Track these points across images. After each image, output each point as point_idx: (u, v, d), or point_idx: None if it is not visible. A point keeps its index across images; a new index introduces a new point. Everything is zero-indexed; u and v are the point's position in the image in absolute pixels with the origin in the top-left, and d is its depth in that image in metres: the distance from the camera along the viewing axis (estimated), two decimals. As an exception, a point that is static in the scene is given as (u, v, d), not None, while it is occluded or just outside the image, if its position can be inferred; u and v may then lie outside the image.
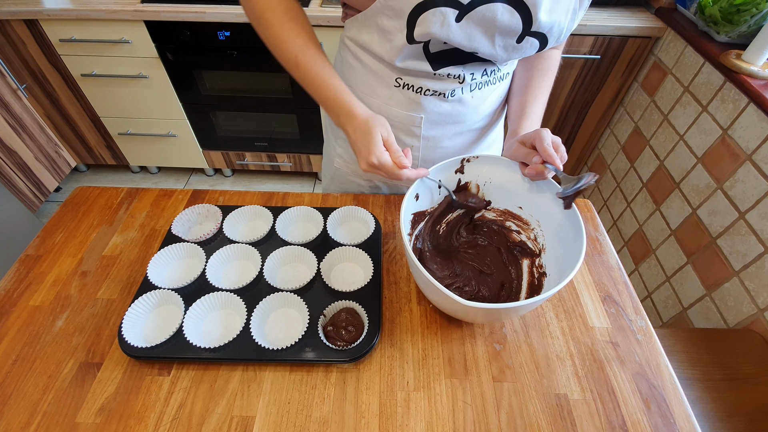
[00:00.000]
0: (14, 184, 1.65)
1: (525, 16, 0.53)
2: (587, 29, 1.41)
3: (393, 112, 0.68)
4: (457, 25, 0.53)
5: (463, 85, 0.64)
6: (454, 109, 0.67)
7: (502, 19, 0.53)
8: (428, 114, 0.67)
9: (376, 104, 0.68)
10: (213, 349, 0.53)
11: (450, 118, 0.68)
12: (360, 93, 0.68)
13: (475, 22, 0.53)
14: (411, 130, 0.69)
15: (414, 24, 0.53)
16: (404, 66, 0.61)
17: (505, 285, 0.64)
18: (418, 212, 0.63)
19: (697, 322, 1.22)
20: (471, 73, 0.63)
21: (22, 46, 1.52)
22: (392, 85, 0.65)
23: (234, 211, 0.69)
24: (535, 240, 0.64)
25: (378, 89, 0.66)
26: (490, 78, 0.66)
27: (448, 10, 0.51)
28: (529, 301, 0.45)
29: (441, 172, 0.62)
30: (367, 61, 0.65)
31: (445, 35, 0.53)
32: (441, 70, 0.61)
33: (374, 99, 0.68)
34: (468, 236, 0.70)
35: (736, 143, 1.12)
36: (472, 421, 0.51)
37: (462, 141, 0.73)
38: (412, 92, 0.64)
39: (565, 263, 0.55)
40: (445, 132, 0.70)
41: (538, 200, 0.62)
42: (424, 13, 0.51)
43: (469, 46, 0.56)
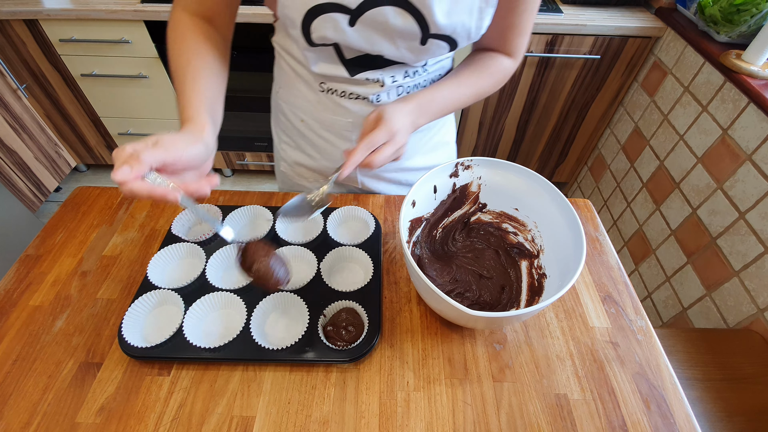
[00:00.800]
0: (14, 184, 1.65)
1: (419, 19, 0.51)
2: (587, 29, 1.42)
3: (323, 117, 0.68)
4: (351, 29, 0.52)
5: (386, 90, 0.62)
6: None
7: (396, 23, 0.51)
8: (356, 118, 0.66)
9: (308, 108, 0.68)
10: (213, 349, 0.53)
11: None
12: (293, 97, 0.69)
13: (370, 26, 0.52)
14: (343, 134, 0.69)
15: (309, 30, 0.53)
16: (320, 71, 0.61)
17: (506, 288, 0.64)
18: (415, 218, 0.63)
19: (697, 322, 1.22)
20: (391, 77, 0.61)
21: (22, 46, 1.52)
22: (317, 89, 0.64)
23: (234, 211, 0.69)
24: (532, 241, 0.64)
25: (307, 94, 0.66)
26: (415, 80, 0.64)
27: (338, 15, 0.50)
28: (533, 309, 0.45)
29: (435, 177, 0.62)
30: (294, 65, 0.65)
31: (342, 39, 0.53)
32: (358, 75, 0.60)
33: (305, 103, 0.68)
34: (465, 240, 0.70)
35: (736, 143, 1.12)
36: (472, 421, 0.51)
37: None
38: (337, 96, 0.64)
39: (566, 264, 0.55)
40: None
41: (533, 201, 0.62)
42: (315, 20, 0.51)
43: (371, 49, 0.55)
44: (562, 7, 1.48)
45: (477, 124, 1.76)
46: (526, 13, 0.58)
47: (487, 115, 1.72)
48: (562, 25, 1.41)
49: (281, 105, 0.73)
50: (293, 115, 0.72)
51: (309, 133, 0.72)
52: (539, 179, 0.60)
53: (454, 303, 0.45)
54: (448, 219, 0.69)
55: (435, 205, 0.65)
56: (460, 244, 0.70)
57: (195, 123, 0.46)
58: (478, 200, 0.67)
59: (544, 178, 0.60)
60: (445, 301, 0.45)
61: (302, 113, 0.70)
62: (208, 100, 0.50)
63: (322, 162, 0.76)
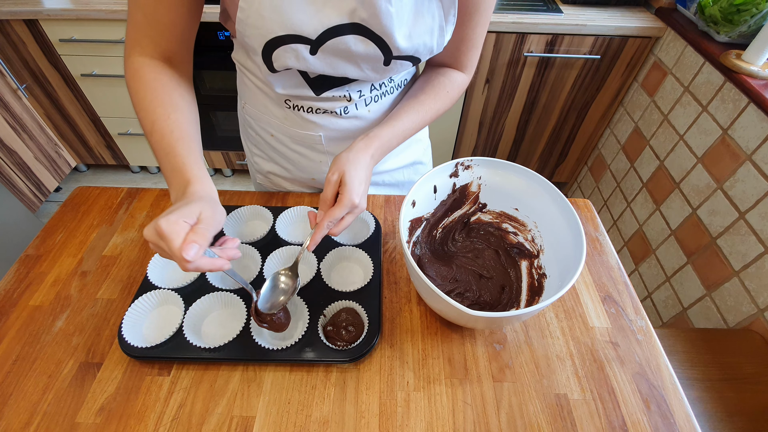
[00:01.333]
0: (14, 184, 1.65)
1: (380, 45, 0.51)
2: (587, 29, 1.42)
3: (292, 132, 0.67)
4: (313, 57, 0.52)
5: (354, 102, 0.62)
6: (352, 125, 0.65)
7: (357, 50, 0.51)
8: (327, 131, 0.65)
9: (276, 124, 0.67)
10: (213, 349, 0.53)
11: (351, 134, 0.66)
12: (259, 113, 0.68)
13: (332, 54, 0.52)
14: (315, 147, 0.69)
15: (270, 59, 0.52)
16: (285, 93, 0.60)
17: (506, 288, 0.64)
18: (415, 218, 0.63)
19: (697, 322, 1.22)
20: (358, 90, 0.61)
21: (22, 46, 1.52)
22: (284, 106, 0.64)
23: (234, 211, 0.69)
24: (532, 241, 0.64)
25: (273, 110, 0.66)
26: (382, 90, 0.64)
27: (299, 46, 0.50)
28: (532, 309, 0.45)
29: (435, 177, 0.62)
30: (257, 83, 0.64)
31: (304, 67, 0.53)
32: (324, 93, 0.60)
33: (272, 119, 0.67)
34: (465, 240, 0.70)
35: (736, 143, 1.12)
36: (472, 421, 0.51)
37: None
38: (304, 112, 0.63)
39: (566, 264, 0.55)
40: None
41: (533, 201, 0.62)
42: (276, 50, 0.51)
43: (335, 73, 0.55)
44: (562, 7, 1.48)
45: (477, 124, 1.76)
46: (479, 27, 0.58)
47: (487, 115, 1.72)
48: (562, 25, 1.41)
49: (248, 120, 0.72)
50: (262, 129, 0.71)
51: (280, 147, 0.71)
52: (539, 179, 0.60)
53: (454, 303, 0.45)
54: (448, 219, 0.69)
55: (435, 205, 0.65)
56: (460, 244, 0.70)
57: (203, 184, 0.46)
58: (478, 200, 0.67)
59: (544, 178, 0.60)
60: (445, 301, 0.45)
61: (271, 128, 0.69)
62: (200, 153, 0.50)
63: (297, 173, 0.76)
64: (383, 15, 0.48)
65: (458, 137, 1.82)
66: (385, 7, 0.47)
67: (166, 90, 0.52)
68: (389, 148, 0.58)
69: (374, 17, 0.48)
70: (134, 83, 0.52)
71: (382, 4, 0.47)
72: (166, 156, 0.48)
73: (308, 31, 0.49)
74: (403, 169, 0.81)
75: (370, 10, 0.47)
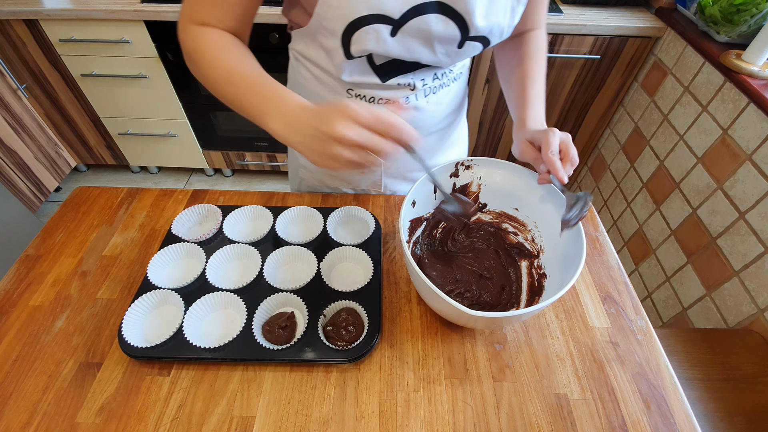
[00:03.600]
0: (14, 184, 1.65)
1: (460, 24, 0.52)
2: (587, 29, 1.42)
3: None
4: (393, 39, 0.52)
5: (416, 92, 0.63)
6: (411, 117, 0.66)
7: (438, 29, 0.52)
8: None
9: None
10: (213, 349, 0.53)
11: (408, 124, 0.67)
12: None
13: (411, 35, 0.52)
14: None
15: (349, 42, 0.53)
16: (352, 80, 0.61)
17: (506, 288, 0.64)
18: (415, 218, 0.63)
19: (697, 322, 1.22)
20: (421, 79, 0.62)
21: (22, 46, 1.52)
22: (345, 96, 0.64)
23: (234, 211, 0.69)
24: (532, 241, 0.64)
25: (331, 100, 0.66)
26: (442, 81, 0.65)
27: (381, 26, 0.50)
28: (532, 309, 0.45)
29: (436, 177, 0.61)
30: (318, 74, 0.64)
31: (382, 50, 0.53)
32: (390, 80, 0.60)
33: None
34: (465, 240, 0.70)
35: (736, 143, 1.12)
36: (472, 421, 0.51)
37: (424, 145, 0.73)
38: (366, 102, 0.63)
39: (566, 264, 0.55)
40: None
41: (534, 201, 0.62)
42: (357, 31, 0.51)
43: (410, 57, 0.55)
44: (562, 7, 1.48)
45: (477, 124, 1.76)
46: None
47: (487, 115, 1.72)
48: (562, 25, 1.41)
49: None
50: None
51: None
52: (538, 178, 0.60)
53: (454, 303, 0.45)
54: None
55: (435, 205, 0.65)
56: (461, 244, 0.70)
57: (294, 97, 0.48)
58: (478, 200, 0.67)
59: None
60: (445, 301, 0.45)
61: None
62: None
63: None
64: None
65: (458, 137, 1.82)
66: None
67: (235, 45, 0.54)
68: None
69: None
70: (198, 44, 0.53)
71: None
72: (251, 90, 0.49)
73: (392, 11, 0.49)
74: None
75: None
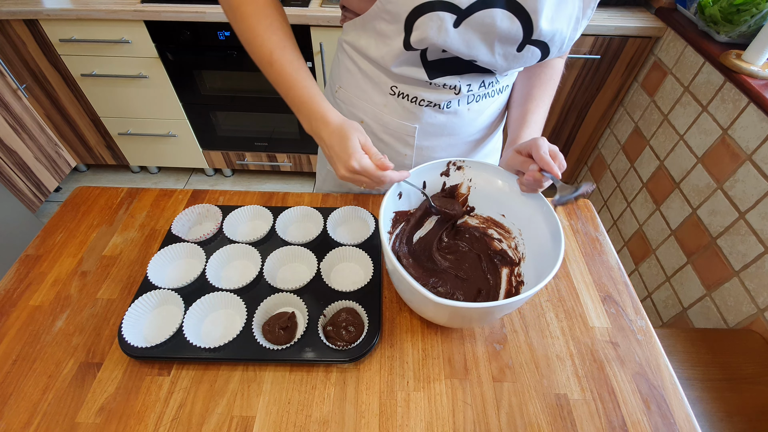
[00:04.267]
0: (14, 184, 1.65)
1: (525, 23, 0.52)
2: (587, 29, 1.41)
3: (387, 120, 0.67)
4: (455, 30, 0.51)
5: (459, 97, 0.63)
6: (449, 121, 0.66)
7: (502, 26, 0.51)
8: (422, 124, 0.66)
9: (371, 110, 0.67)
10: (213, 349, 0.53)
11: (445, 130, 0.67)
12: (355, 98, 0.68)
13: (474, 28, 0.52)
14: (405, 139, 0.69)
15: (411, 28, 0.52)
16: (400, 72, 0.60)
17: (482, 291, 0.63)
18: (400, 211, 0.62)
19: (697, 322, 1.22)
20: (468, 84, 0.62)
21: (22, 46, 1.52)
22: (388, 92, 0.64)
23: (234, 211, 0.69)
24: (515, 249, 0.63)
25: (373, 96, 0.66)
26: (488, 90, 0.65)
27: (446, 14, 0.50)
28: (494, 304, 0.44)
29: (426, 173, 0.61)
30: (364, 66, 0.64)
31: (442, 41, 0.52)
32: (437, 79, 0.60)
33: (369, 105, 0.67)
34: (449, 241, 0.69)
35: (736, 143, 1.12)
36: (472, 421, 0.51)
37: (456, 152, 0.73)
38: (407, 101, 0.63)
39: (542, 271, 0.53)
40: (439, 143, 0.70)
41: (521, 209, 0.61)
42: (421, 17, 0.51)
43: (468, 53, 0.55)
44: (562, 7, 1.48)
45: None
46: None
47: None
48: (562, 25, 1.41)
49: (339, 104, 0.72)
50: (352, 115, 0.70)
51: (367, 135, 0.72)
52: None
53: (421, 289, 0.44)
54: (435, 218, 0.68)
55: (422, 201, 0.65)
56: (444, 244, 0.69)
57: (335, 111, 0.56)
58: (467, 203, 0.67)
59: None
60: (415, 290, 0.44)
61: (363, 114, 0.69)
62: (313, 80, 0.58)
63: None
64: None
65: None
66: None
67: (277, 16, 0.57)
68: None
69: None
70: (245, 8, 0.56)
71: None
72: (290, 89, 0.56)
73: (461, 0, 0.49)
74: None
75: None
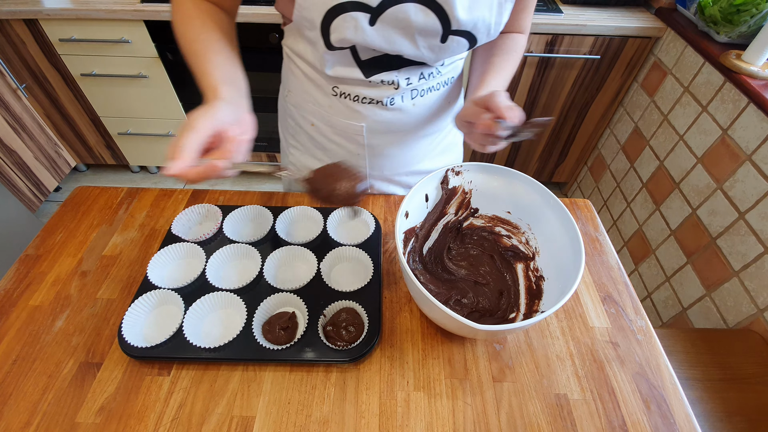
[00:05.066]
0: (14, 184, 1.65)
1: (441, 15, 0.51)
2: (587, 29, 1.42)
3: (334, 121, 0.67)
4: (371, 28, 0.51)
5: (401, 92, 0.63)
6: (395, 118, 0.66)
7: (417, 19, 0.51)
8: (369, 123, 0.66)
9: (319, 113, 0.68)
10: (213, 349, 0.53)
11: (393, 127, 0.67)
12: (303, 101, 0.68)
13: (390, 24, 0.52)
14: (355, 139, 0.69)
15: (328, 31, 0.52)
16: (335, 74, 0.60)
17: (504, 293, 0.64)
18: (408, 229, 0.62)
19: (697, 322, 1.22)
20: (406, 78, 0.61)
21: (22, 46, 1.52)
22: (330, 94, 0.64)
23: (234, 211, 0.69)
24: (527, 243, 0.64)
25: (318, 98, 0.66)
26: (430, 83, 0.64)
27: (359, 14, 0.50)
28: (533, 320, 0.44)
29: (426, 185, 0.61)
30: (306, 69, 0.64)
31: (361, 39, 0.53)
32: (374, 76, 0.60)
33: (316, 107, 0.67)
34: (459, 248, 0.69)
35: (735, 143, 1.13)
36: (472, 421, 0.51)
37: (410, 148, 0.73)
38: (350, 101, 0.63)
39: (563, 265, 0.54)
40: (391, 140, 0.70)
41: (525, 203, 0.61)
42: (335, 19, 0.51)
43: (391, 48, 0.55)
44: (562, 7, 1.48)
45: (477, 124, 1.76)
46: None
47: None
48: (562, 25, 1.41)
49: (290, 108, 0.73)
50: (303, 119, 0.71)
51: (319, 137, 0.72)
52: (530, 181, 0.60)
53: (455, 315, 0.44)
54: (441, 227, 0.68)
55: (427, 214, 0.65)
56: (455, 252, 0.69)
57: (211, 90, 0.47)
58: (470, 205, 0.67)
59: (535, 180, 0.59)
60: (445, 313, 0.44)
61: (312, 117, 0.69)
62: (222, 66, 0.51)
63: None
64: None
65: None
66: None
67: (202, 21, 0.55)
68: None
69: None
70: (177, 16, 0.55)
71: None
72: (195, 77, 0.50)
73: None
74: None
75: None
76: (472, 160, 1.93)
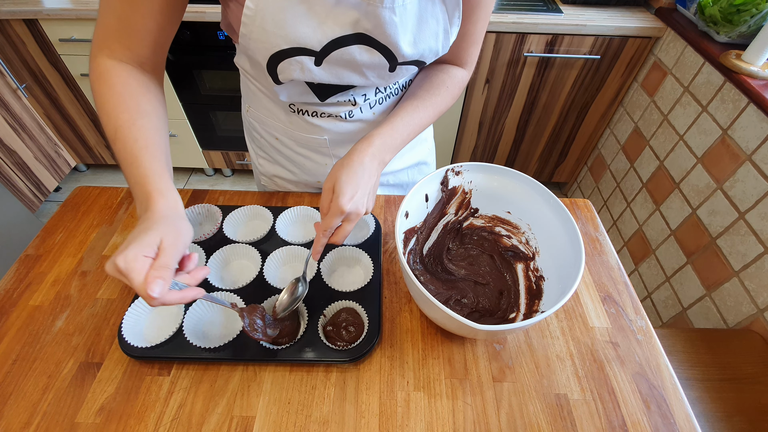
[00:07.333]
0: (14, 184, 1.65)
1: (386, 53, 0.51)
2: (587, 29, 1.41)
3: (297, 136, 0.67)
4: (318, 68, 0.51)
5: (359, 106, 0.62)
6: (356, 128, 0.65)
7: (362, 59, 0.51)
8: (332, 135, 0.65)
9: (280, 128, 0.67)
10: (213, 349, 0.53)
11: (356, 136, 0.66)
12: (263, 116, 0.68)
13: (337, 64, 0.51)
14: (320, 150, 0.69)
15: (275, 72, 0.52)
16: (290, 100, 0.60)
17: (504, 293, 0.64)
18: (408, 229, 0.62)
19: (697, 322, 1.22)
20: (363, 95, 0.61)
21: (22, 46, 1.52)
22: (289, 111, 0.63)
23: (234, 211, 0.69)
24: (527, 243, 0.64)
25: (278, 113, 0.65)
26: (386, 93, 0.63)
27: (304, 58, 0.49)
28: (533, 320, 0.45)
29: (425, 185, 0.61)
30: (261, 89, 0.63)
31: (309, 78, 0.52)
32: (329, 99, 0.60)
33: (277, 123, 0.67)
34: (459, 248, 0.70)
35: (735, 143, 1.13)
36: (472, 421, 0.51)
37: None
38: (309, 116, 0.63)
39: (564, 266, 0.54)
40: None
41: (526, 203, 0.61)
42: (280, 63, 0.50)
43: (340, 82, 0.54)
44: (562, 7, 1.48)
45: (477, 125, 1.76)
46: (480, 22, 0.57)
47: (487, 115, 1.72)
48: (562, 25, 1.41)
49: (253, 123, 0.72)
50: (267, 133, 0.71)
51: (285, 150, 0.71)
52: (530, 181, 0.60)
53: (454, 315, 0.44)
54: (441, 227, 0.68)
55: (427, 214, 0.65)
56: (455, 252, 0.69)
57: (166, 199, 0.44)
58: (470, 205, 0.67)
59: (535, 180, 0.60)
60: (445, 313, 0.45)
61: (276, 132, 0.69)
62: (166, 163, 0.48)
63: (302, 176, 0.75)
64: (387, 25, 0.47)
65: (458, 137, 1.82)
66: (388, 17, 0.46)
67: (134, 96, 0.49)
68: (394, 146, 0.57)
69: (378, 27, 0.47)
70: (99, 86, 0.49)
71: (385, 13, 0.46)
72: (129, 167, 0.46)
73: (312, 44, 0.48)
74: (407, 169, 0.81)
75: (374, 20, 0.47)
76: (472, 160, 1.94)
